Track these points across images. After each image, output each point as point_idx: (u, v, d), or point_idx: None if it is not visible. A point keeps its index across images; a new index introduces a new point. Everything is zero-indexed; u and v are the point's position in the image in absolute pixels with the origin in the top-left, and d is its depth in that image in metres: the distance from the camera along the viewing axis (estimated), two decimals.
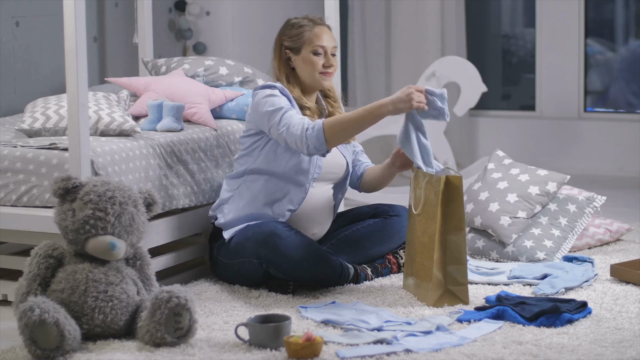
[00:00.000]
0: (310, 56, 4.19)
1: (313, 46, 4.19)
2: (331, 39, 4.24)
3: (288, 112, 4.03)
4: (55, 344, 3.31)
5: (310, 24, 4.24)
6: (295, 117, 4.01)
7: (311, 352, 3.29)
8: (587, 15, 7.00)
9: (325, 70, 4.20)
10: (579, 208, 4.61)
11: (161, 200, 3.93)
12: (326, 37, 4.23)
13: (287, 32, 4.25)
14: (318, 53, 4.19)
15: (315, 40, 4.20)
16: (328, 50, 4.21)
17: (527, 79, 7.34)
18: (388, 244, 4.28)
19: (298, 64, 4.22)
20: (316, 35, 4.21)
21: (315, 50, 4.19)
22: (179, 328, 3.42)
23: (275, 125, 4.04)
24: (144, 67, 5.36)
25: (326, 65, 4.20)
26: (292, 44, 4.22)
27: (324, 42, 4.21)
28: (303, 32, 4.22)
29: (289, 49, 4.22)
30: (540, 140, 7.06)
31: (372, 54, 7.30)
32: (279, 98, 4.09)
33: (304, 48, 4.20)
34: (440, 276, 3.84)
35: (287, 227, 4.06)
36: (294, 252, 3.98)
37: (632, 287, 4.07)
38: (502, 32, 7.53)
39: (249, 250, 4.04)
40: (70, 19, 3.75)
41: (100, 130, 4.21)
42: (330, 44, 4.22)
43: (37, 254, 3.54)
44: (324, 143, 3.94)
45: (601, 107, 7.25)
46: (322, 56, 4.20)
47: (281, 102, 4.07)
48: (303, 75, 4.21)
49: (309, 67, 4.19)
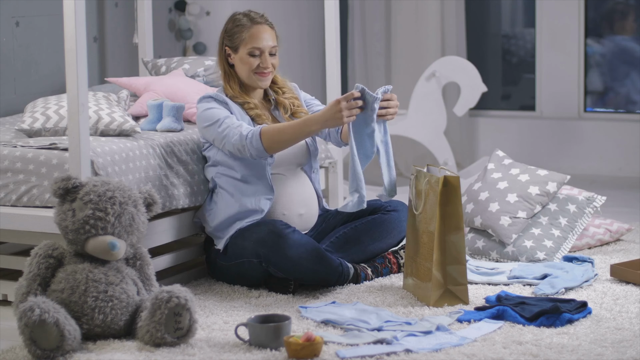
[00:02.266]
0: (246, 57, 4.19)
1: (249, 47, 4.18)
2: (270, 38, 4.21)
3: (225, 121, 4.08)
4: (55, 344, 3.31)
5: (249, 23, 4.21)
6: (232, 126, 4.06)
7: (311, 352, 3.29)
8: (587, 15, 7.00)
9: (261, 71, 4.19)
10: (579, 208, 4.60)
11: (161, 200, 3.93)
12: (264, 37, 4.20)
13: (228, 29, 4.25)
14: (254, 55, 4.18)
15: (251, 41, 4.18)
16: (265, 50, 4.18)
17: (527, 79, 7.34)
18: (387, 239, 4.27)
19: (236, 62, 4.23)
20: (253, 35, 4.19)
21: (252, 51, 4.18)
22: (179, 328, 3.42)
23: (217, 139, 4.10)
24: (144, 67, 5.36)
25: (262, 66, 4.18)
26: (230, 42, 4.22)
27: (261, 42, 4.18)
28: (241, 31, 4.20)
29: (227, 47, 4.23)
30: (540, 140, 7.06)
31: (372, 54, 7.30)
32: (215, 110, 4.13)
33: (241, 48, 4.20)
34: (439, 276, 3.84)
35: (286, 225, 4.06)
36: (294, 251, 3.98)
37: (632, 287, 4.07)
38: (502, 32, 7.53)
39: (248, 250, 4.04)
40: (70, 19, 3.75)
41: (100, 130, 4.21)
42: (267, 44, 4.19)
43: (37, 254, 3.54)
44: (263, 151, 4.01)
45: (601, 107, 7.25)
46: (258, 57, 4.18)
47: (218, 114, 4.12)
48: (240, 74, 4.23)
49: (246, 66, 4.19)
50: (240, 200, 4.16)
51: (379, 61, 7.29)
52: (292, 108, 4.29)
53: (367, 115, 3.90)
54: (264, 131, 4.01)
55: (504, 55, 7.53)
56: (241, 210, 4.15)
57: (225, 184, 4.21)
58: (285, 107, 4.29)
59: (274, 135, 4.00)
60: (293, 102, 4.31)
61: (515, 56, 7.53)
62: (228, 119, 4.10)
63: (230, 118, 4.11)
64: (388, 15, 7.24)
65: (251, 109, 4.21)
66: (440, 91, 6.22)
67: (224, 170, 4.21)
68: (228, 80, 4.26)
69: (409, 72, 7.10)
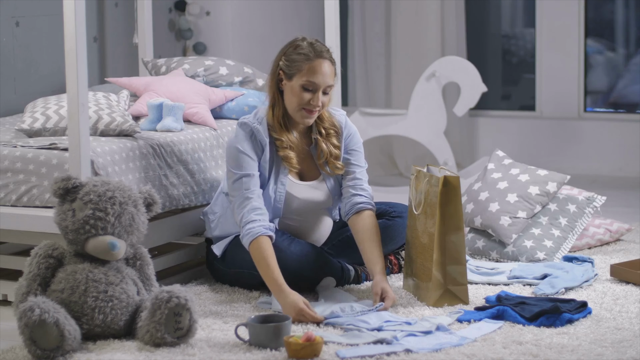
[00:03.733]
0: (298, 88, 3.93)
1: (305, 80, 3.92)
2: (328, 76, 3.94)
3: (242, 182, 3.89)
4: (55, 344, 3.31)
5: (312, 54, 3.93)
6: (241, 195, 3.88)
7: (311, 352, 3.29)
8: (587, 15, 7.00)
9: (309, 109, 3.95)
10: (579, 208, 4.60)
11: (161, 200, 3.93)
12: (323, 72, 3.93)
13: (289, 53, 3.97)
14: (307, 89, 3.93)
15: (309, 75, 3.91)
16: (320, 88, 3.93)
17: (527, 79, 7.33)
18: (390, 245, 4.26)
19: (286, 90, 3.97)
20: (312, 69, 3.92)
21: (306, 85, 3.92)
22: (179, 328, 3.42)
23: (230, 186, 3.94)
24: (144, 67, 5.36)
25: (312, 103, 3.93)
26: (287, 68, 3.95)
27: (318, 78, 3.91)
28: (302, 60, 3.93)
29: (282, 71, 3.97)
30: (540, 140, 7.06)
31: (372, 54, 7.30)
32: (245, 158, 3.92)
33: (296, 77, 3.93)
34: (439, 276, 3.84)
35: (285, 235, 4.03)
36: (294, 264, 3.95)
37: (632, 287, 4.07)
38: (502, 32, 7.53)
39: (248, 263, 3.95)
40: (70, 19, 3.75)
41: (100, 130, 4.21)
42: (324, 82, 3.92)
43: (37, 254, 3.54)
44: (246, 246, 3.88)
45: (601, 107, 7.25)
46: (310, 92, 3.93)
47: (243, 165, 3.91)
48: (287, 103, 3.98)
49: (295, 98, 3.94)
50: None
51: (379, 61, 7.29)
52: (328, 157, 4.06)
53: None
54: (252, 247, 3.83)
55: (504, 55, 7.53)
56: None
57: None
58: (323, 153, 4.05)
59: (257, 255, 3.82)
60: (331, 152, 4.05)
61: (515, 56, 7.53)
62: (247, 179, 3.90)
63: (250, 180, 3.90)
64: (388, 15, 7.24)
65: (283, 149, 4.00)
66: (440, 91, 6.22)
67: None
68: (273, 106, 4.00)
69: (409, 72, 7.10)
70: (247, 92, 4.90)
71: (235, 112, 4.83)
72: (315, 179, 4.11)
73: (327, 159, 4.06)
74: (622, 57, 7.30)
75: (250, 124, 3.98)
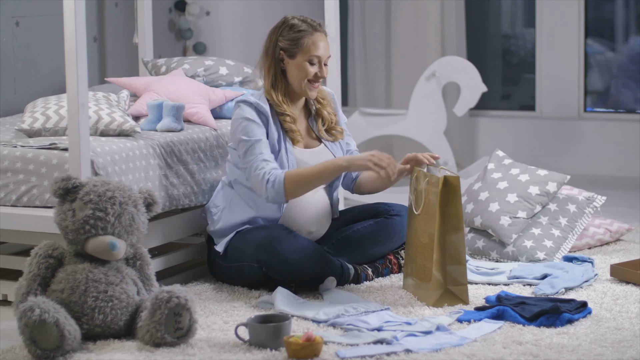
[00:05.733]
0: (304, 64, 4.11)
1: (310, 55, 4.11)
2: (327, 47, 4.15)
3: (255, 147, 4.01)
4: (55, 344, 3.31)
5: (310, 30, 4.13)
6: (258, 159, 4.00)
7: (311, 352, 3.29)
8: (587, 15, 7.00)
9: (315, 80, 4.13)
10: (579, 208, 4.60)
11: (161, 200, 3.93)
12: (323, 45, 4.13)
13: (285, 33, 4.14)
14: (313, 63, 4.12)
15: (312, 49, 4.11)
16: (322, 60, 4.13)
17: (527, 79, 7.34)
18: (389, 244, 4.27)
19: (290, 68, 4.14)
20: (314, 43, 4.11)
21: (311, 59, 4.11)
22: (179, 328, 3.42)
23: (242, 159, 4.05)
24: (144, 67, 5.36)
25: (318, 75, 4.12)
26: (289, 46, 4.12)
27: (320, 51, 4.12)
28: (302, 37, 4.11)
29: (283, 50, 4.14)
30: (540, 140, 7.07)
31: (372, 54, 7.30)
32: (253, 125, 4.05)
33: (300, 54, 4.11)
34: (439, 276, 3.84)
35: (286, 230, 4.05)
36: (294, 256, 3.97)
37: (632, 287, 4.07)
38: (502, 32, 7.53)
39: (248, 255, 4.02)
40: (70, 19, 3.75)
41: (100, 130, 4.21)
42: (325, 53, 4.14)
43: (37, 254, 3.54)
44: (283, 196, 3.97)
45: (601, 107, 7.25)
46: (316, 66, 4.12)
47: (253, 133, 4.04)
48: (292, 80, 4.14)
49: (301, 73, 4.11)
50: (250, 211, 4.12)
51: (379, 61, 7.29)
52: (329, 124, 4.26)
53: None
54: (288, 176, 3.96)
55: (504, 55, 7.53)
56: (247, 220, 4.13)
57: (241, 192, 4.15)
58: (324, 120, 4.25)
59: (297, 181, 3.96)
60: (331, 119, 4.27)
61: (515, 56, 7.54)
62: (259, 144, 4.03)
63: (262, 144, 4.03)
64: (388, 15, 7.24)
65: (287, 122, 4.14)
66: (440, 91, 6.22)
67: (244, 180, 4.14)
68: (275, 85, 4.16)
69: (409, 72, 7.10)
70: (247, 92, 4.90)
71: None
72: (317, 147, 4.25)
73: (329, 125, 4.25)
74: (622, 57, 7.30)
75: (251, 99, 4.12)
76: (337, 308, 3.74)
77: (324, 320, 3.67)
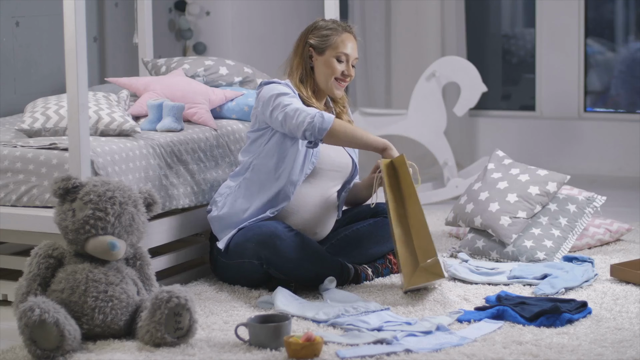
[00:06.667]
0: (332, 60, 4.19)
1: (338, 51, 4.19)
2: (355, 49, 4.24)
3: (295, 98, 4.08)
4: (55, 344, 3.31)
5: (340, 29, 4.22)
6: (300, 105, 4.04)
7: (311, 352, 3.29)
8: (587, 15, 7.00)
9: (342, 78, 4.21)
10: (579, 208, 4.61)
11: (161, 200, 3.93)
12: (351, 45, 4.22)
13: (315, 31, 4.23)
14: (340, 60, 4.20)
15: (341, 47, 4.19)
16: (350, 59, 4.21)
17: (527, 79, 7.34)
18: (388, 243, 4.27)
19: (318, 64, 4.21)
20: (343, 41, 4.20)
21: (339, 56, 4.19)
22: (179, 328, 3.42)
23: (280, 105, 4.04)
24: (144, 67, 5.36)
25: (345, 73, 4.20)
26: (318, 43, 4.20)
27: (348, 49, 4.20)
28: (331, 34, 4.20)
29: (312, 48, 4.21)
30: (540, 140, 7.06)
31: (372, 54, 7.30)
32: (289, 91, 4.11)
33: (329, 50, 4.20)
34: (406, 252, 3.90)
35: (288, 227, 4.06)
36: (294, 253, 3.98)
37: (632, 287, 4.07)
38: (502, 32, 7.53)
39: (250, 252, 4.04)
40: (70, 19, 3.75)
41: (100, 130, 4.21)
42: (353, 53, 4.22)
43: (37, 254, 3.54)
44: (323, 132, 3.97)
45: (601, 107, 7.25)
46: (343, 64, 4.20)
47: (290, 93, 4.09)
48: (319, 77, 4.22)
49: (328, 70, 4.19)
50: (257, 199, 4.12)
51: (379, 61, 7.29)
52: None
53: None
54: (337, 120, 4.03)
55: (504, 55, 7.53)
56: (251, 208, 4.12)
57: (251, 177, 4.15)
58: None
59: (342, 129, 4.01)
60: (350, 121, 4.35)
61: (515, 56, 7.54)
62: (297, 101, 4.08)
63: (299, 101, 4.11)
64: (388, 15, 7.24)
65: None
66: (440, 91, 6.22)
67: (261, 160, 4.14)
68: (303, 81, 4.23)
69: (409, 72, 7.10)
70: (247, 92, 4.90)
71: (235, 112, 4.83)
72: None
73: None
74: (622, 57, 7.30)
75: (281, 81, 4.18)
76: (337, 308, 3.74)
77: (324, 320, 3.68)
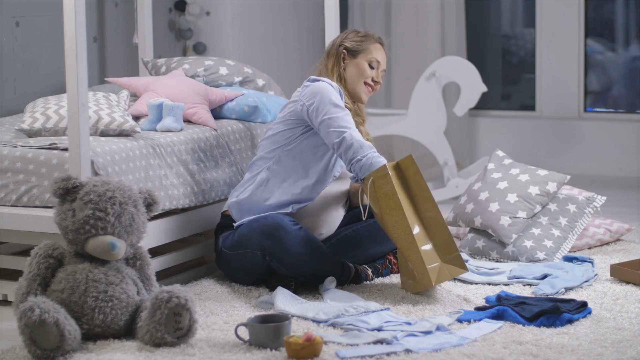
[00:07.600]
0: (364, 64, 4.34)
1: (371, 57, 4.35)
2: (385, 60, 4.39)
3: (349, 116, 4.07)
4: (55, 344, 3.31)
5: (373, 39, 4.39)
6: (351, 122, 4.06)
7: (311, 352, 3.29)
8: (587, 15, 7.00)
9: (371, 84, 4.35)
10: (579, 208, 4.61)
11: (161, 200, 3.93)
12: (382, 55, 4.38)
13: (351, 36, 4.38)
14: (372, 66, 4.35)
15: (374, 53, 4.35)
16: (381, 67, 4.36)
17: (527, 79, 7.34)
18: (388, 243, 4.27)
19: (350, 66, 4.35)
20: (377, 49, 4.37)
21: (371, 61, 4.35)
22: (179, 328, 3.42)
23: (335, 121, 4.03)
24: (144, 67, 5.36)
25: (375, 79, 4.35)
26: (353, 46, 4.35)
27: (380, 57, 4.36)
28: (367, 40, 4.36)
29: (347, 50, 4.35)
30: (540, 140, 7.07)
31: None
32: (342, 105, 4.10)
33: (362, 54, 4.35)
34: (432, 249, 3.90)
35: (293, 221, 4.06)
36: (298, 247, 3.99)
37: (632, 287, 4.07)
38: (502, 32, 7.53)
39: (254, 242, 4.05)
40: (70, 19, 3.75)
41: (100, 130, 4.21)
42: (383, 63, 4.38)
43: (37, 254, 3.54)
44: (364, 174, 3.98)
45: (601, 107, 7.25)
46: (374, 71, 4.35)
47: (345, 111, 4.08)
48: (349, 79, 4.35)
49: (359, 73, 4.34)
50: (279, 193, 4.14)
51: None
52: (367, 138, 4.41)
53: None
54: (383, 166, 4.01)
55: (504, 55, 7.53)
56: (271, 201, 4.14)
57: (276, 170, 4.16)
58: (363, 134, 4.37)
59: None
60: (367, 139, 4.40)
61: (515, 56, 7.54)
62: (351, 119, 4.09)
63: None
64: (388, 15, 7.24)
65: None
66: (440, 91, 6.22)
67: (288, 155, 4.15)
68: (338, 82, 4.32)
69: (409, 72, 7.10)
70: (247, 92, 4.90)
71: (235, 112, 4.83)
72: None
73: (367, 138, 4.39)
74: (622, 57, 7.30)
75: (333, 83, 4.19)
76: (337, 308, 3.74)
77: (324, 320, 3.68)
